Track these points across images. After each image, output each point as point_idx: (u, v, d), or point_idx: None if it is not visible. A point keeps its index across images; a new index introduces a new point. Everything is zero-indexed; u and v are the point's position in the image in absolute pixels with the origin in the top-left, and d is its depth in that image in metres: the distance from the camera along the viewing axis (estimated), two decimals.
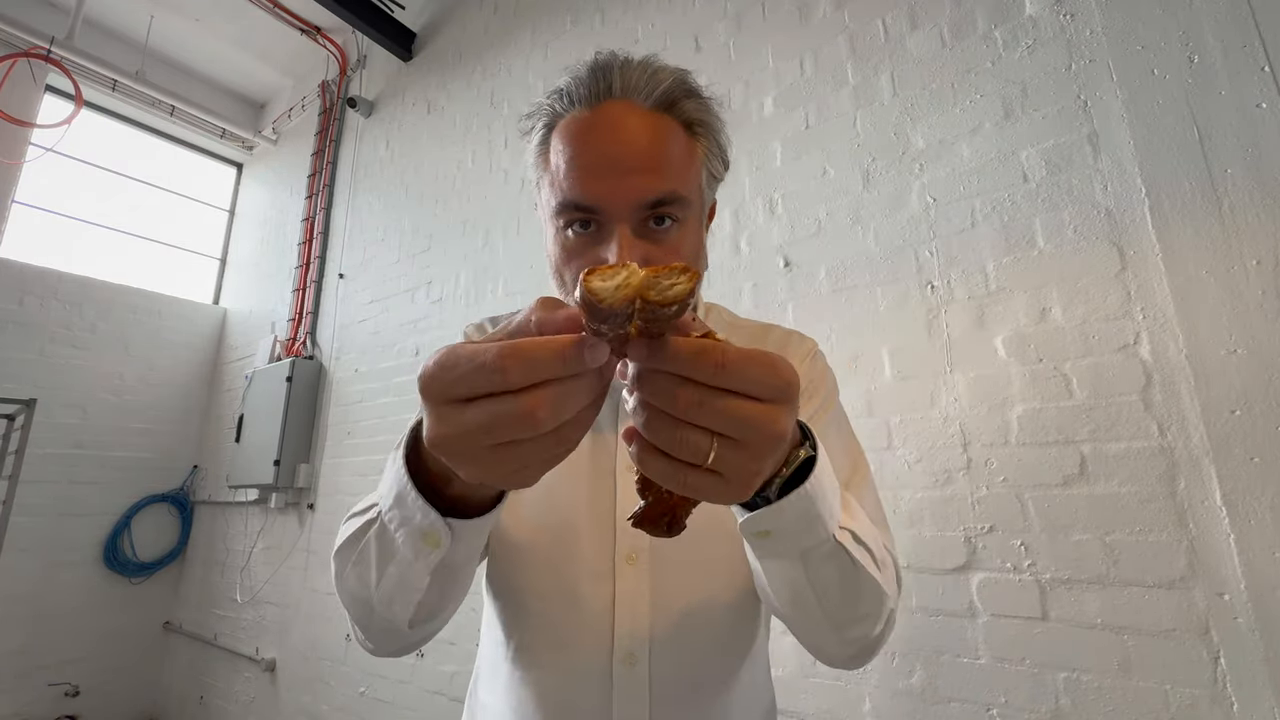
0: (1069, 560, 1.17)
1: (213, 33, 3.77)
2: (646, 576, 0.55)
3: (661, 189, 0.51)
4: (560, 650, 0.56)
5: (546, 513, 0.59)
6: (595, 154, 0.51)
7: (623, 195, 0.50)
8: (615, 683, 0.53)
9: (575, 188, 0.51)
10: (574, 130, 0.53)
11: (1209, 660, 1.02)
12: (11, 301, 3.25)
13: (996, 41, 1.45)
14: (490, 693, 0.61)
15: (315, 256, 3.37)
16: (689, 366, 0.28)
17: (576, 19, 2.49)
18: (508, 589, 0.61)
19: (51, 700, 3.09)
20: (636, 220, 0.51)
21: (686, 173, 0.54)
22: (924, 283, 1.44)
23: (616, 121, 0.52)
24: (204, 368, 3.93)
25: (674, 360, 0.28)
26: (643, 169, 0.51)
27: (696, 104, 0.56)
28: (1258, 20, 1.13)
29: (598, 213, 0.51)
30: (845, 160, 1.63)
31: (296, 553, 2.89)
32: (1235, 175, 1.11)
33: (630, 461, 0.57)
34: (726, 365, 0.28)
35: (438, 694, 2.13)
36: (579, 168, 0.51)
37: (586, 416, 0.31)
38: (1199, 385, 1.09)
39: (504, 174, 2.57)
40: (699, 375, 0.28)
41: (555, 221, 0.55)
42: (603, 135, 0.52)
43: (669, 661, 0.54)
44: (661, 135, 0.53)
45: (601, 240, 0.52)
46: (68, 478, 3.30)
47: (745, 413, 0.29)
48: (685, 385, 0.28)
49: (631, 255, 0.51)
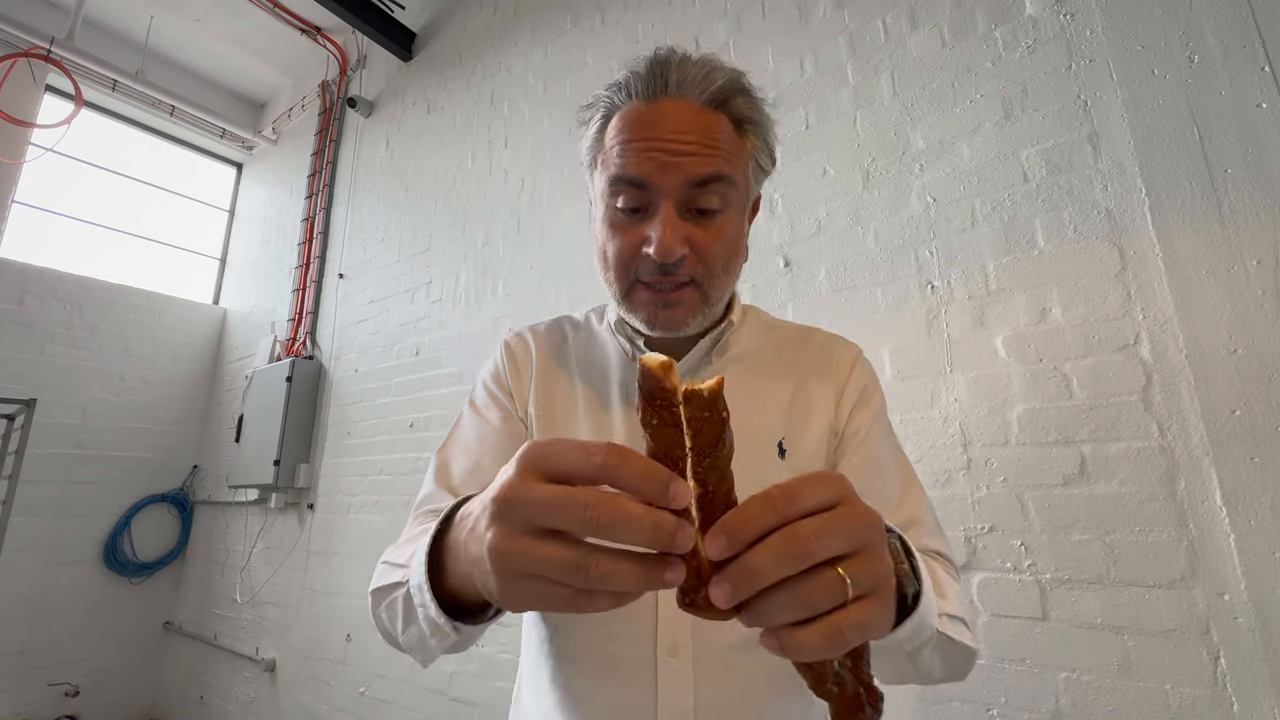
0: (1069, 560, 1.17)
1: (213, 33, 3.77)
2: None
3: (709, 169, 0.54)
4: (603, 643, 0.57)
5: None
6: (649, 137, 0.55)
7: (671, 171, 0.54)
8: (660, 672, 0.54)
9: (628, 164, 0.55)
10: (630, 119, 0.57)
11: (1209, 660, 1.02)
12: (11, 301, 3.25)
13: (996, 41, 1.45)
14: (534, 694, 0.61)
15: (315, 256, 3.37)
16: (768, 519, 0.28)
17: (576, 19, 2.49)
18: None
19: (51, 700, 3.09)
20: (682, 200, 0.55)
21: (734, 160, 0.57)
22: (924, 283, 1.44)
23: (670, 114, 0.56)
24: (204, 368, 3.93)
25: (752, 526, 0.27)
26: (692, 152, 0.54)
27: (748, 102, 0.59)
28: (1258, 20, 1.13)
29: (646, 188, 0.55)
30: (845, 160, 1.63)
31: (296, 553, 2.89)
32: (1235, 175, 1.11)
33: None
34: (794, 492, 0.28)
35: (438, 694, 2.13)
36: (633, 149, 0.55)
37: (628, 594, 0.29)
38: (1199, 385, 1.09)
39: (504, 174, 2.56)
40: (779, 520, 0.28)
41: (605, 199, 0.58)
42: (657, 123, 0.55)
43: (711, 651, 0.55)
44: (711, 127, 0.56)
45: (648, 219, 0.55)
46: (67, 478, 3.30)
47: (840, 519, 0.28)
48: (783, 532, 0.27)
49: (674, 232, 0.54)
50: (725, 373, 0.64)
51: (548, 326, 0.73)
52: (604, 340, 0.69)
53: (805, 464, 0.61)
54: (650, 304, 0.57)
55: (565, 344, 0.71)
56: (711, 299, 0.58)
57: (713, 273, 0.57)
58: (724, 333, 0.65)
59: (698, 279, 0.57)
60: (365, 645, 2.43)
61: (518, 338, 0.71)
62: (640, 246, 0.55)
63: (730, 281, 0.61)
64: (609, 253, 0.58)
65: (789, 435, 0.61)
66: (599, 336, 0.70)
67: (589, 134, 0.61)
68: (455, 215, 2.71)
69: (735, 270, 0.61)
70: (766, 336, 0.70)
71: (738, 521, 0.28)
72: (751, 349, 0.68)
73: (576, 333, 0.72)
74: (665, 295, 0.57)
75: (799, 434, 0.62)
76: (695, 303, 0.58)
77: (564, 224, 2.26)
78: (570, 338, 0.71)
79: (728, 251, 0.58)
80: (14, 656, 3.02)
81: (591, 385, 0.66)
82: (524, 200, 2.43)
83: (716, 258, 0.57)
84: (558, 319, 0.74)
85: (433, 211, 2.83)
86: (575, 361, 0.69)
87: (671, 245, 0.53)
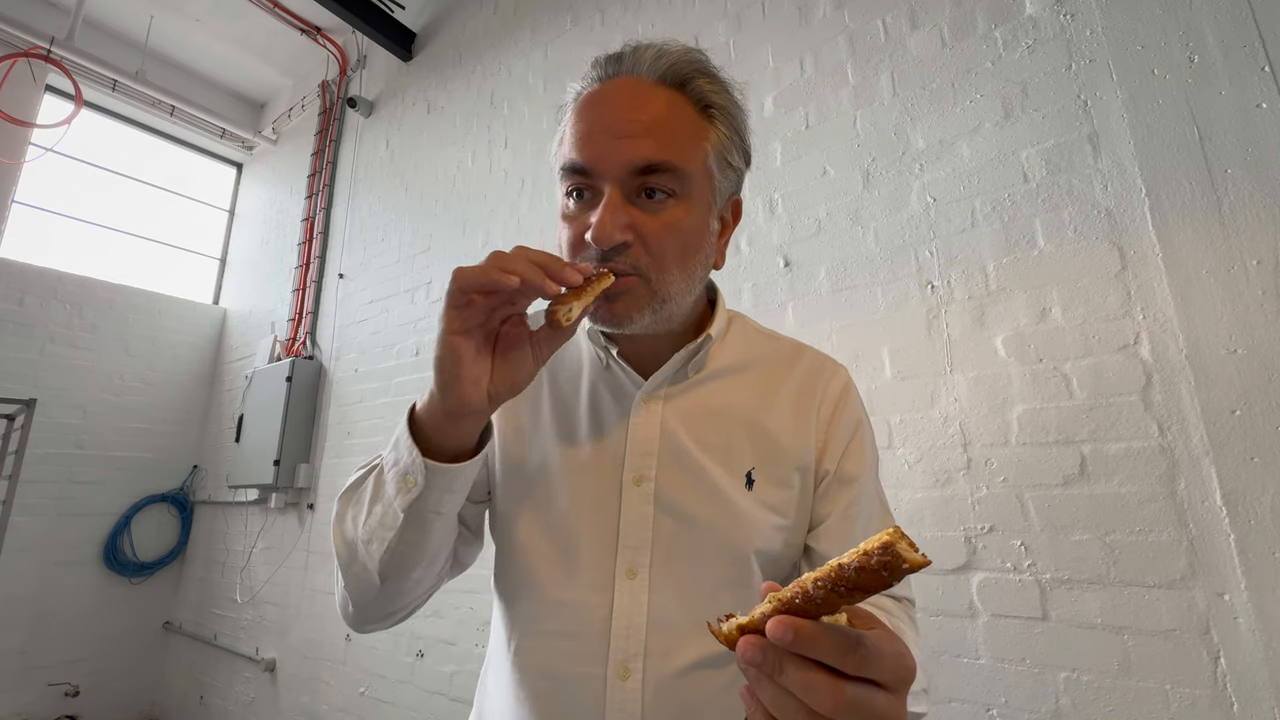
0: (1069, 560, 1.17)
1: (213, 33, 3.77)
2: (645, 591, 0.55)
3: (653, 155, 0.51)
4: (557, 659, 0.56)
5: (551, 520, 0.59)
6: (593, 121, 0.53)
7: (613, 156, 0.51)
8: (608, 694, 0.53)
9: (572, 151, 0.54)
10: (581, 104, 0.55)
11: (1209, 660, 1.02)
12: (11, 301, 3.25)
13: (996, 41, 1.45)
14: (496, 685, 0.61)
15: (315, 256, 3.37)
16: (838, 658, 0.29)
17: (576, 19, 2.49)
18: (511, 592, 0.61)
19: (51, 700, 3.09)
20: (628, 186, 0.52)
21: (688, 148, 0.53)
22: (924, 283, 1.44)
23: (619, 91, 0.54)
24: (204, 368, 3.93)
25: (823, 649, 0.29)
26: (636, 134, 0.51)
27: (712, 85, 0.56)
28: (1258, 20, 1.13)
29: (590, 175, 0.53)
30: (845, 160, 1.63)
31: (296, 553, 2.89)
32: (1235, 175, 1.11)
33: (638, 474, 0.58)
34: (869, 660, 0.29)
35: (437, 694, 2.13)
36: (579, 134, 0.54)
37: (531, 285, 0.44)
38: (1199, 385, 1.09)
39: (504, 174, 2.57)
40: (845, 668, 0.29)
41: (560, 189, 0.57)
42: (603, 104, 0.54)
43: (662, 676, 0.54)
44: (662, 107, 0.53)
45: (594, 206, 0.53)
46: (67, 478, 3.30)
47: (877, 707, 0.29)
48: (828, 680, 0.29)
49: (617, 218, 0.51)
50: (700, 390, 0.62)
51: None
52: (579, 340, 0.67)
53: (772, 497, 0.58)
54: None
55: None
56: (660, 294, 0.53)
57: (663, 265, 0.53)
58: (702, 346, 0.60)
59: (643, 270, 0.52)
60: (365, 645, 2.43)
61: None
62: (585, 234, 0.52)
63: (687, 280, 0.55)
64: (562, 245, 0.56)
65: (759, 465, 0.59)
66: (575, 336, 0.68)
67: (558, 134, 0.59)
68: (455, 215, 2.71)
69: (694, 269, 0.56)
70: (751, 352, 0.66)
71: (810, 637, 0.29)
72: (733, 365, 0.64)
73: None
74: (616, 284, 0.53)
75: (770, 465, 0.59)
76: (641, 296, 0.53)
77: None
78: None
79: (681, 243, 0.53)
80: (14, 656, 3.02)
81: (559, 387, 0.65)
82: (524, 200, 2.43)
83: (666, 248, 0.53)
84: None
85: (433, 211, 2.83)
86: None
87: (609, 229, 0.50)
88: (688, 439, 0.59)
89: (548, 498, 0.59)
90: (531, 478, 0.61)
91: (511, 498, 0.61)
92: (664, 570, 0.56)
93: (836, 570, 0.28)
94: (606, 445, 0.60)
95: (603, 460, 0.59)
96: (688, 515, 0.57)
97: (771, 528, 0.58)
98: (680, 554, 0.56)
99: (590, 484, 0.59)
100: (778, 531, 0.58)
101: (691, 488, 0.57)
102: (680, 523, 0.57)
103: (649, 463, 0.58)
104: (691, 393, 0.62)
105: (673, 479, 0.58)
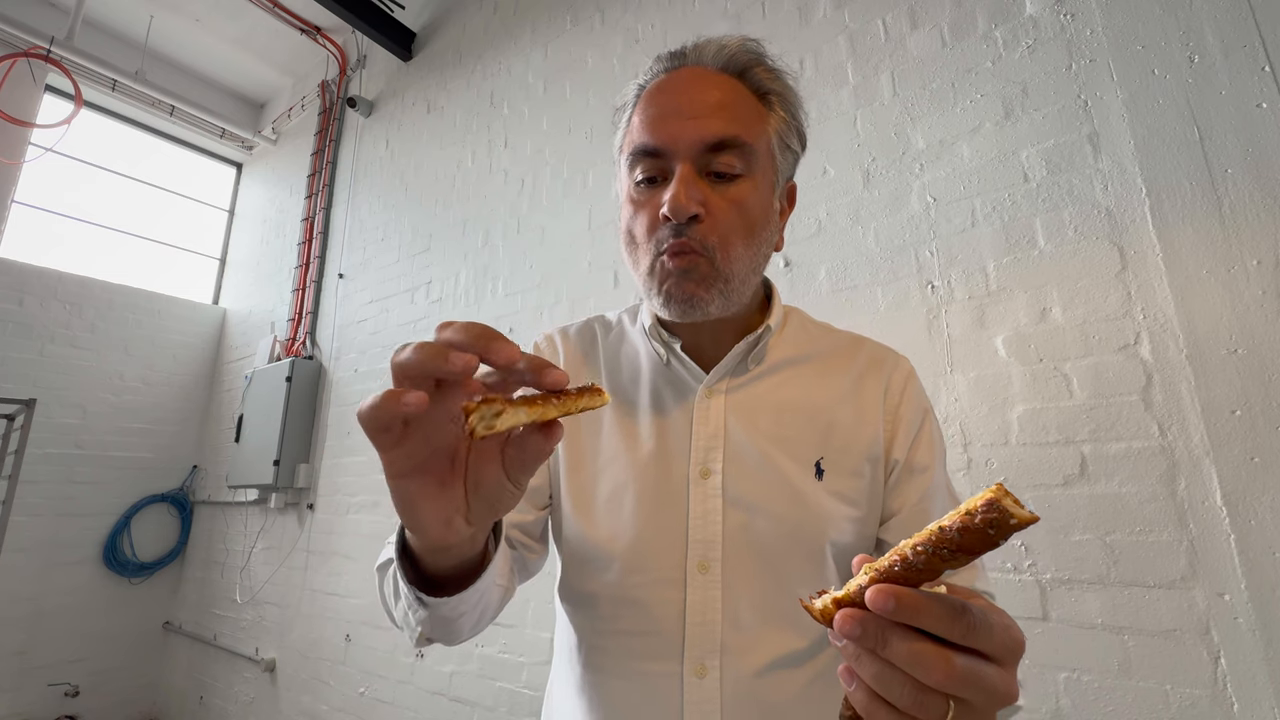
0: (1069, 560, 1.17)
1: (213, 33, 3.77)
2: (718, 586, 0.54)
3: (723, 131, 0.53)
4: (631, 658, 0.55)
5: (618, 519, 0.58)
6: (663, 105, 0.55)
7: (685, 135, 0.53)
8: (685, 693, 0.52)
9: (643, 134, 0.55)
10: (648, 94, 0.57)
11: (1209, 660, 1.02)
12: (11, 301, 3.24)
13: (997, 41, 1.45)
14: (564, 698, 0.60)
15: (315, 256, 3.37)
16: (945, 626, 0.27)
17: (576, 19, 2.49)
18: (579, 595, 0.60)
19: (51, 700, 3.09)
20: (699, 163, 0.53)
21: (754, 127, 0.55)
22: (924, 283, 1.44)
23: (685, 80, 0.56)
24: (204, 368, 3.93)
25: (928, 617, 0.27)
26: (706, 114, 0.53)
27: (768, 74, 0.58)
28: (1258, 20, 1.13)
29: (662, 155, 0.54)
30: (845, 160, 1.63)
31: (296, 553, 2.89)
32: (1235, 175, 1.11)
33: (704, 467, 0.57)
34: (978, 628, 0.28)
35: (438, 694, 2.13)
36: (648, 119, 0.55)
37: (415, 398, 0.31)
38: (1199, 385, 1.09)
39: (504, 174, 2.56)
40: (951, 636, 0.27)
41: (627, 180, 0.57)
42: (671, 91, 0.55)
43: (740, 675, 0.53)
44: (728, 91, 0.55)
45: (663, 189, 0.54)
46: (67, 478, 3.30)
47: (989, 680, 0.28)
48: (936, 650, 0.27)
49: (692, 192, 0.52)
50: (762, 383, 0.61)
51: (578, 329, 0.71)
52: (636, 342, 0.66)
53: (843, 487, 0.57)
54: (672, 274, 0.53)
55: (595, 346, 0.68)
56: (724, 273, 0.54)
57: (728, 242, 0.53)
58: (762, 337, 0.60)
59: (710, 249, 0.53)
60: (365, 645, 2.43)
61: (547, 340, 0.70)
62: (659, 212, 0.53)
63: (752, 261, 0.56)
64: (634, 231, 0.56)
65: (828, 455, 0.58)
66: (630, 338, 0.67)
67: (620, 129, 0.61)
68: (455, 215, 2.71)
69: (758, 249, 0.56)
70: (810, 344, 0.65)
71: (914, 605, 0.27)
72: (793, 357, 0.63)
73: (608, 334, 0.69)
74: (682, 261, 0.53)
75: (839, 454, 0.58)
76: (707, 275, 0.53)
77: (564, 224, 2.26)
78: (600, 339, 0.69)
79: (748, 222, 0.54)
80: (14, 656, 3.02)
81: (620, 389, 0.64)
82: (524, 200, 2.43)
83: (734, 226, 0.53)
84: (589, 320, 0.72)
85: (432, 211, 2.83)
86: (604, 363, 0.66)
87: (684, 200, 0.51)
88: (753, 431, 0.58)
89: (614, 497, 0.59)
90: (595, 479, 0.60)
91: (576, 501, 0.60)
92: (737, 564, 0.55)
93: (938, 533, 0.27)
94: (671, 441, 0.59)
95: (668, 456, 0.59)
96: (757, 507, 0.56)
97: (844, 518, 0.57)
98: (753, 547, 0.55)
99: (656, 480, 0.58)
100: (850, 523, 0.57)
101: (759, 479, 0.57)
102: (750, 515, 0.56)
103: (715, 456, 0.57)
104: (753, 385, 0.61)
105: (739, 471, 0.57)
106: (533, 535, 0.64)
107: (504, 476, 0.36)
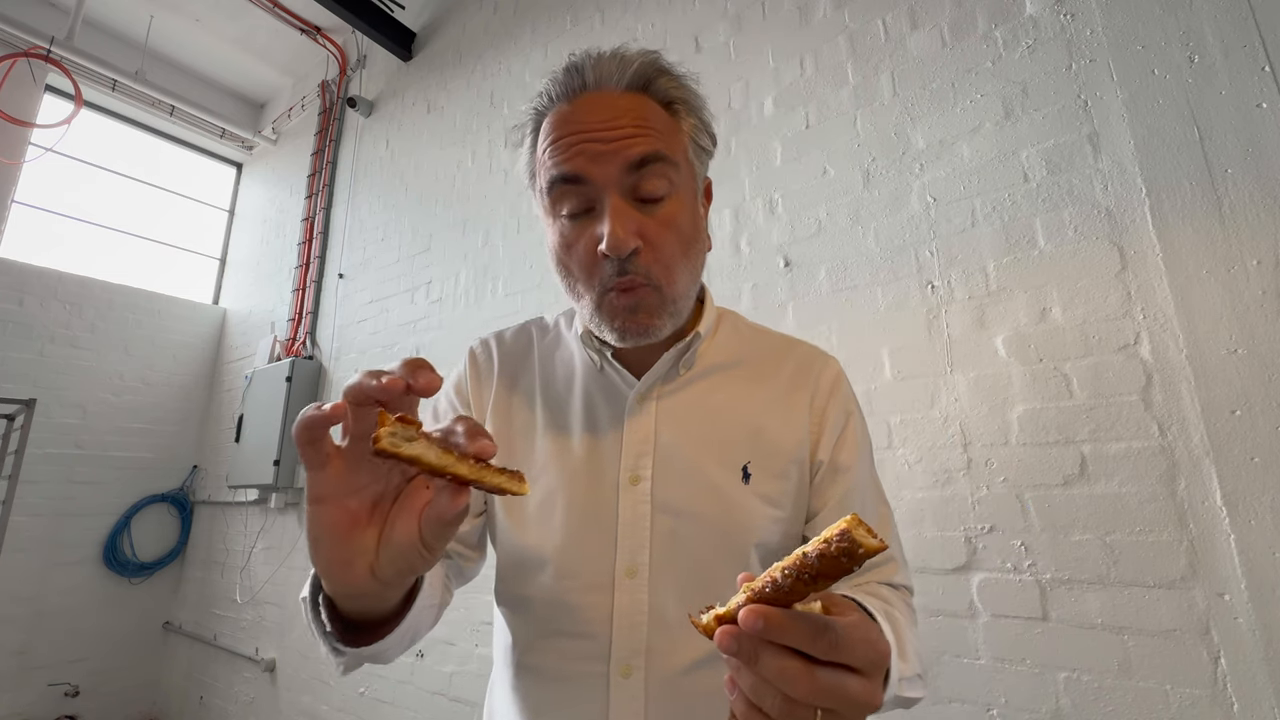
0: (1069, 560, 1.17)
1: (213, 33, 3.77)
2: (645, 590, 0.56)
3: (644, 150, 0.52)
4: (563, 659, 0.57)
5: (549, 526, 0.59)
6: (576, 132, 0.53)
7: (607, 160, 0.52)
8: (611, 692, 0.54)
9: (560, 162, 0.53)
10: (554, 121, 0.55)
11: (1209, 660, 1.02)
12: (11, 301, 3.24)
13: (997, 41, 1.45)
14: (500, 698, 0.62)
15: (315, 256, 3.37)
16: (807, 644, 0.30)
17: (576, 19, 2.49)
18: (514, 599, 0.61)
19: (51, 700, 3.09)
20: (625, 189, 0.52)
21: (670, 140, 0.55)
22: (924, 283, 1.44)
23: (593, 105, 0.54)
24: (204, 368, 3.92)
25: (792, 636, 0.30)
26: (624, 136, 0.52)
27: (671, 82, 0.57)
28: (1258, 20, 1.13)
29: (585, 182, 0.52)
30: (845, 160, 1.63)
31: (296, 553, 2.89)
32: (1235, 175, 1.11)
33: (633, 474, 0.58)
34: (840, 644, 0.30)
35: (438, 694, 2.13)
36: (562, 145, 0.53)
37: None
38: (1199, 385, 1.09)
39: (504, 174, 2.56)
40: (815, 652, 0.30)
41: (550, 211, 0.56)
42: (581, 117, 0.53)
43: (664, 675, 0.54)
44: (638, 109, 0.54)
45: (596, 219, 0.53)
46: (67, 478, 3.30)
47: (850, 692, 0.31)
48: (800, 666, 0.30)
49: (627, 224, 0.51)
50: (693, 388, 0.62)
51: (514, 333, 0.71)
52: (571, 346, 0.67)
53: (769, 490, 0.59)
54: (622, 311, 0.54)
55: (530, 350, 0.69)
56: (669, 295, 0.55)
57: (670, 267, 0.54)
58: (691, 344, 0.61)
59: (654, 279, 0.53)
60: None
61: (483, 345, 0.70)
62: (597, 248, 0.52)
63: (693, 276, 0.57)
64: (571, 266, 0.55)
65: (755, 459, 0.59)
66: (566, 342, 0.68)
67: (523, 153, 0.60)
68: (455, 215, 2.71)
69: (695, 260, 0.57)
70: (741, 348, 0.66)
71: (780, 625, 0.30)
72: (723, 363, 0.64)
73: (544, 337, 0.69)
74: (630, 297, 0.53)
75: (766, 458, 0.59)
76: (655, 305, 0.54)
77: None
78: (536, 342, 0.69)
79: (683, 241, 0.55)
80: (14, 656, 3.02)
81: (553, 393, 0.64)
82: (524, 200, 2.43)
83: (672, 249, 0.54)
84: (527, 323, 0.72)
85: (432, 211, 2.83)
86: (539, 368, 0.67)
87: (623, 236, 0.50)
88: (682, 437, 0.59)
89: (546, 504, 0.60)
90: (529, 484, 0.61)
91: (509, 508, 0.61)
92: (664, 568, 0.56)
93: (800, 559, 0.29)
94: (602, 447, 0.60)
95: (599, 462, 0.60)
96: (685, 512, 0.57)
97: (770, 520, 0.58)
98: (679, 552, 0.56)
99: (587, 487, 0.59)
100: (776, 524, 0.58)
101: (688, 485, 0.58)
102: (678, 520, 0.57)
103: (644, 462, 0.58)
104: (684, 391, 0.62)
105: (668, 477, 0.58)
106: (469, 544, 0.65)
107: (418, 535, 0.34)
